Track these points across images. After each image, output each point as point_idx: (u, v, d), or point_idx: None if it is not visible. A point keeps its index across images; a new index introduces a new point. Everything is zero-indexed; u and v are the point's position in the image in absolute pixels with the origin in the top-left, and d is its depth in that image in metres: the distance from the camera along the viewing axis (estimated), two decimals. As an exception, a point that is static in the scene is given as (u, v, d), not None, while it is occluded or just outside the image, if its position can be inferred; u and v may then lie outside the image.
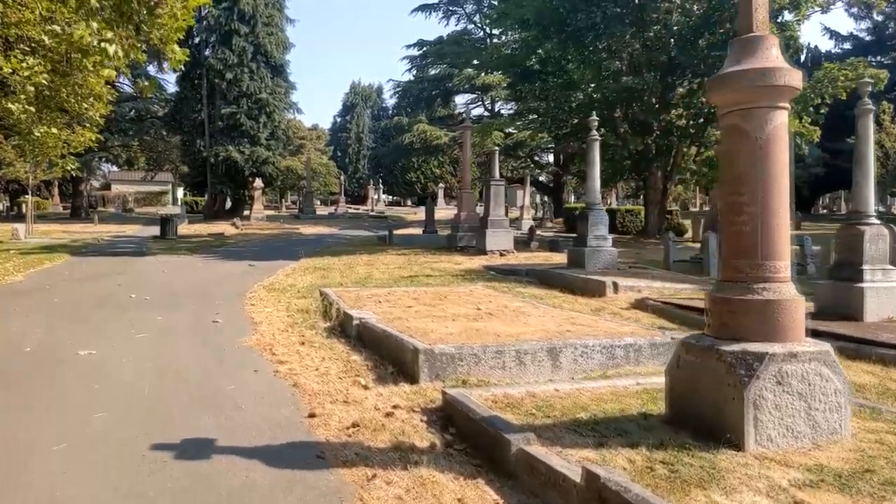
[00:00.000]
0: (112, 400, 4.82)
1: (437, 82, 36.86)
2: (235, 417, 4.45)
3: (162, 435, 4.08)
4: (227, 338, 7.11)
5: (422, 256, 15.63)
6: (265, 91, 35.05)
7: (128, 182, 63.83)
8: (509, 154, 34.23)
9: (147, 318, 8.25)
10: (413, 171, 65.29)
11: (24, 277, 12.21)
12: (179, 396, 4.94)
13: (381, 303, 8.27)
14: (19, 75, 13.03)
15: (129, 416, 4.45)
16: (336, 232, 29.18)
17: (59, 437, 4.06)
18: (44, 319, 8.02)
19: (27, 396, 4.91)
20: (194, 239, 22.59)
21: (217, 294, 10.43)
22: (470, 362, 5.13)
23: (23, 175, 22.86)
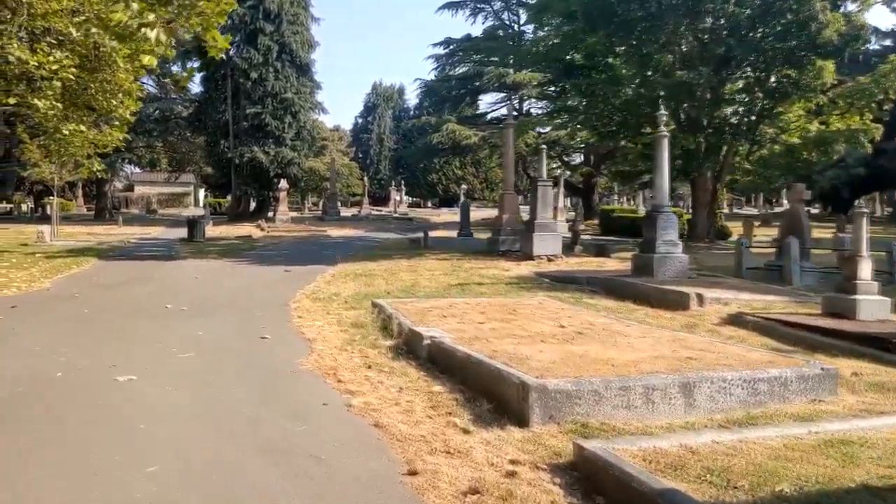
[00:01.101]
0: (161, 447, 3.99)
1: (464, 81, 35.95)
2: (315, 475, 3.60)
3: (232, 501, 3.25)
4: (281, 358, 6.28)
5: (464, 262, 14.75)
6: (290, 90, 34.35)
7: (150, 183, 63.69)
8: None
9: (187, 332, 7.46)
10: (435, 172, 64.58)
11: (52, 284, 11.50)
12: (241, 441, 4.10)
13: (445, 317, 7.41)
14: (46, 69, 12.37)
15: (184, 474, 3.61)
16: (364, 234, 28.43)
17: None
18: (74, 335, 7.25)
19: (60, 442, 4.10)
20: (222, 241, 21.90)
21: (257, 303, 9.63)
22: (590, 400, 4.25)
23: (48, 176, 22.32)
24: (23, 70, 13.02)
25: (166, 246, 20.23)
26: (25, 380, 5.37)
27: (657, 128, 11.52)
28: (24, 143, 22.59)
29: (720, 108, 17.56)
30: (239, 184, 36.15)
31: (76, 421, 4.44)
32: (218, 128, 36.15)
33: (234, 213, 36.93)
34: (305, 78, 35.76)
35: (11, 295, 10.29)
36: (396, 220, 40.17)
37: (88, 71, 14.01)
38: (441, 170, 63.40)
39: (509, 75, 31.08)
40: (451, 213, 48.80)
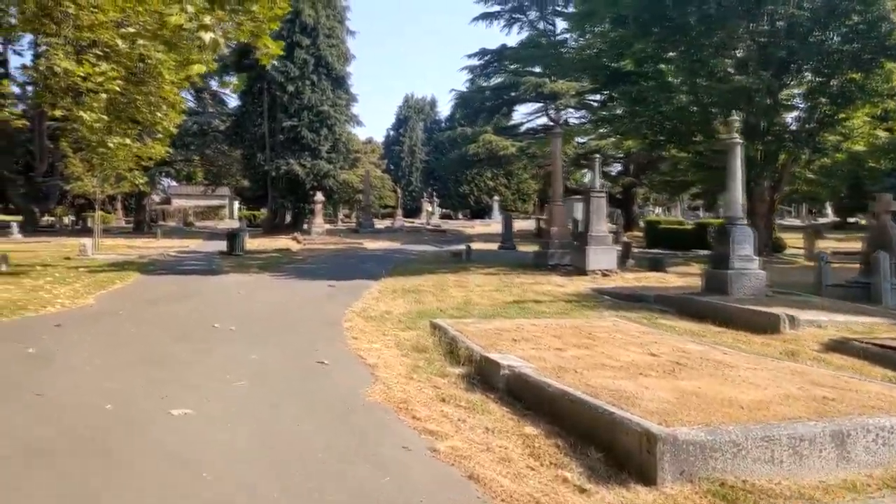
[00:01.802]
0: (229, 500, 3.45)
1: (499, 91, 35.42)
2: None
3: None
4: (344, 388, 5.73)
5: (513, 276, 14.13)
6: (326, 103, 34.20)
7: (186, 196, 64.30)
8: (580, 164, 32.50)
9: (239, 356, 6.96)
10: (467, 184, 64.10)
11: (95, 300, 11.17)
12: (318, 497, 3.53)
13: (516, 341, 6.80)
14: (92, 81, 12.14)
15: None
16: (400, 247, 27.97)
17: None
18: (122, 358, 6.80)
19: (117, 492, 3.58)
20: (261, 255, 21.60)
21: (308, 322, 9.13)
22: (727, 453, 3.60)
23: (91, 190, 22.31)
24: (69, 83, 12.84)
25: (206, 259, 19.97)
26: (74, 412, 4.90)
27: (728, 133, 10.79)
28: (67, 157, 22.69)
29: (779, 115, 16.71)
30: (275, 196, 36.06)
31: (131, 464, 3.92)
32: (255, 141, 36.17)
33: (270, 226, 36.84)
34: (341, 90, 35.61)
35: (56, 312, 9.95)
36: (430, 233, 39.71)
37: (133, 83, 13.79)
38: (473, 181, 62.89)
39: (546, 85, 30.48)
40: (483, 225, 48.26)
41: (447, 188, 63.06)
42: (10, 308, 9.88)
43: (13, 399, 5.21)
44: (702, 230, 22.76)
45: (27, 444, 4.22)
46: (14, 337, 7.84)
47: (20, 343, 7.45)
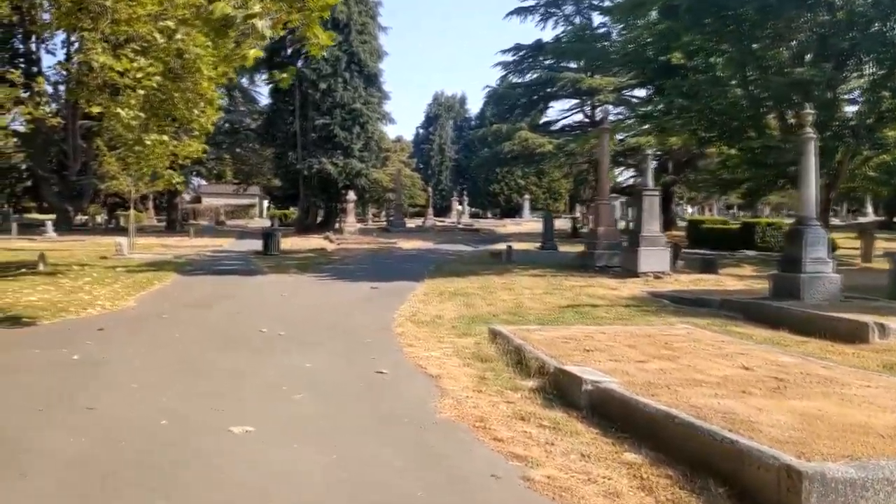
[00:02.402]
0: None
1: (535, 88, 34.79)
2: None
3: None
4: (411, 402, 5.32)
5: (562, 279, 13.62)
6: (359, 101, 33.90)
7: (216, 195, 64.64)
8: (618, 162, 31.82)
9: (292, 364, 6.59)
10: (497, 182, 63.46)
11: (136, 302, 10.93)
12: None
13: (589, 351, 6.32)
14: (130, 77, 11.90)
15: None
16: (435, 247, 27.54)
17: None
18: (170, 366, 6.46)
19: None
20: (297, 255, 21.34)
21: (357, 327, 8.74)
22: (880, 493, 3.09)
23: (125, 188, 22.25)
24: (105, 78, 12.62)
25: (243, 259, 19.76)
26: (129, 429, 4.54)
27: (802, 128, 10.16)
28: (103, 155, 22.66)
29: (839, 109, 15.93)
30: (307, 195, 35.87)
31: (197, 492, 3.54)
32: (286, 139, 36.01)
33: (301, 225, 36.67)
34: (373, 88, 35.29)
35: (97, 314, 9.71)
36: (462, 232, 39.24)
37: (170, 79, 13.54)
38: (503, 180, 62.24)
39: (584, 80, 29.81)
40: (514, 224, 47.65)
41: (477, 187, 62.48)
42: (52, 310, 9.66)
43: (66, 413, 4.88)
44: (748, 230, 21.96)
45: (85, 467, 3.87)
46: (57, 341, 7.57)
47: (64, 348, 7.17)
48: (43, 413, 4.87)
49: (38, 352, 7.00)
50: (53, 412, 4.90)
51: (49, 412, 4.90)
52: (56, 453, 4.06)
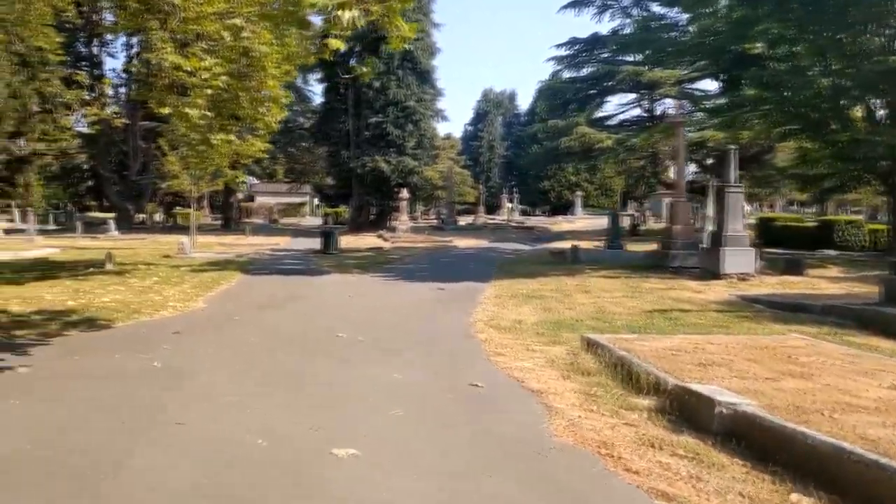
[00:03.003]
0: None
1: (593, 82, 33.87)
2: None
3: None
4: (519, 422, 4.86)
5: (639, 280, 12.97)
6: (412, 99, 33.63)
7: (268, 194, 65.49)
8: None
9: (380, 374, 6.20)
10: (547, 179, 62.57)
11: (206, 303, 10.77)
12: None
13: (704, 366, 5.76)
14: (198, 77, 11.77)
15: None
16: (490, 245, 27.07)
17: None
18: (256, 376, 6.15)
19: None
20: (355, 254, 21.15)
21: (436, 333, 8.33)
22: None
23: (187, 188, 22.44)
24: (173, 78, 12.54)
25: (303, 258, 19.64)
26: (225, 450, 4.20)
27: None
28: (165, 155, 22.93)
29: (936, 98, 14.81)
30: (360, 193, 35.82)
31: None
32: (339, 138, 36.03)
33: (355, 223, 36.66)
34: (427, 85, 34.98)
35: (169, 316, 9.55)
36: (515, 230, 38.65)
37: (236, 77, 13.40)
38: (554, 176, 61.29)
39: (644, 73, 28.83)
40: (567, 222, 46.82)
41: (527, 184, 61.70)
42: (125, 311, 9.54)
43: (156, 430, 4.58)
44: (826, 228, 20.80)
45: (187, 501, 3.53)
46: (135, 346, 7.37)
47: (143, 353, 6.95)
48: (132, 428, 4.58)
49: (118, 357, 6.79)
50: (142, 429, 4.60)
51: (138, 427, 4.60)
52: (148, 474, 3.74)
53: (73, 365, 6.46)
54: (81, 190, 60.35)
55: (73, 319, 8.86)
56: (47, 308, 9.60)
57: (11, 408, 4.99)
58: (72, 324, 8.60)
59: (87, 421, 4.74)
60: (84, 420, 4.76)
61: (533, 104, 68.35)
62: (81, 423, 4.70)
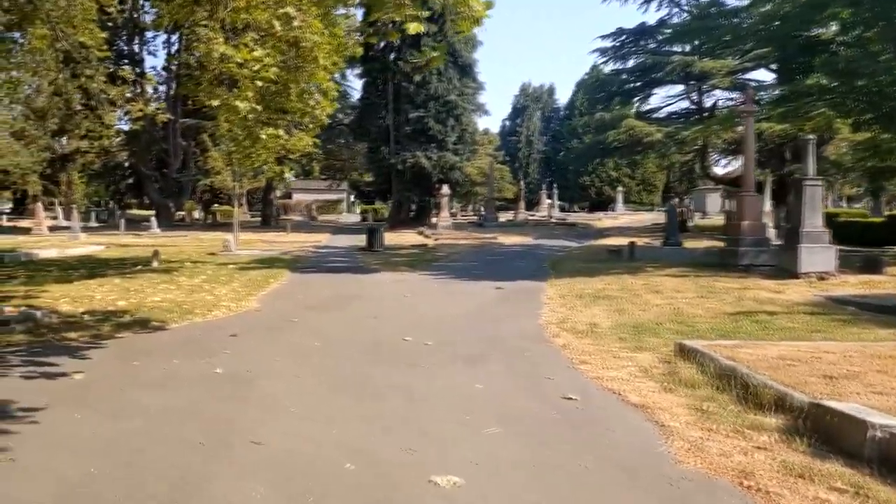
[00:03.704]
0: None
1: (641, 73, 32.83)
2: None
3: None
4: (632, 443, 4.29)
5: (709, 279, 12.22)
6: (453, 93, 33.05)
7: (305, 190, 65.59)
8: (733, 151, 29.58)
9: (461, 385, 5.68)
10: (588, 174, 61.49)
11: (259, 303, 10.38)
12: None
13: (831, 378, 5.12)
14: (248, 68, 11.38)
15: None
16: (535, 242, 26.35)
17: None
18: (327, 386, 5.67)
19: None
20: (400, 251, 20.69)
21: (508, 337, 7.78)
22: None
23: (229, 184, 22.24)
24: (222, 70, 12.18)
25: (348, 256, 19.26)
26: (310, 473, 3.71)
27: None
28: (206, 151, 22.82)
29: None
30: (400, 190, 35.40)
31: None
32: (379, 133, 35.65)
33: (394, 220, 36.28)
34: (468, 79, 34.37)
35: (223, 317, 9.18)
36: (558, 226, 37.82)
37: (286, 69, 13.00)
38: (594, 171, 60.18)
39: (695, 64, 27.79)
40: (610, 218, 45.81)
41: (566, 179, 60.72)
42: (177, 311, 9.19)
43: (233, 449, 4.12)
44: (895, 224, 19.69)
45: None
46: (192, 349, 6.98)
47: (202, 358, 6.55)
48: (205, 449, 4.12)
49: (177, 362, 6.39)
50: (216, 447, 4.14)
51: (213, 446, 4.14)
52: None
53: (131, 371, 6.07)
54: (122, 187, 61.22)
55: (125, 320, 8.53)
56: (98, 308, 9.30)
57: (74, 423, 4.58)
58: (124, 325, 8.26)
59: (157, 438, 4.30)
60: (153, 437, 4.32)
61: (572, 98, 67.27)
62: (151, 440, 4.26)
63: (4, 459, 3.88)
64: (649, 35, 35.00)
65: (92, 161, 49.37)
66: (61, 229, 33.91)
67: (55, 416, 4.69)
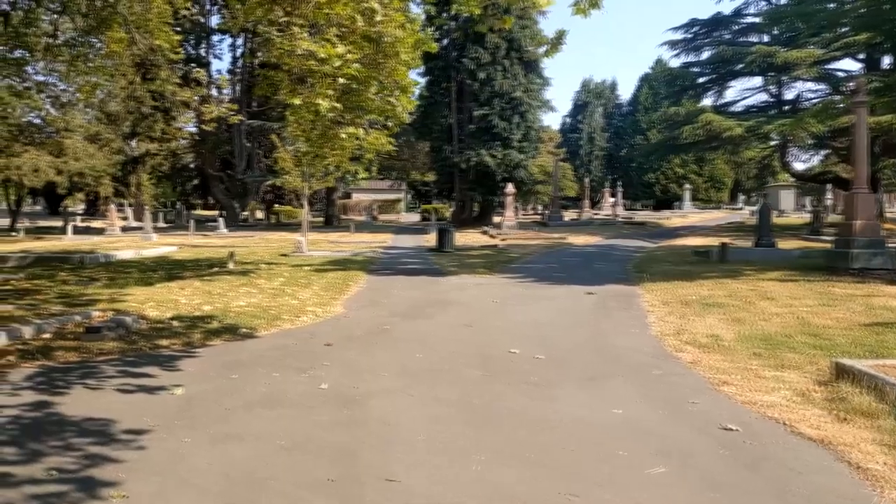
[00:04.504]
0: None
1: (718, 65, 31.23)
2: None
3: None
4: (832, 490, 3.58)
5: (822, 284, 11.20)
6: (519, 89, 32.26)
7: (363, 190, 65.80)
8: (818, 146, 27.94)
9: (596, 411, 5.05)
10: (652, 172, 59.67)
11: (344, 308, 9.97)
12: None
13: None
14: (330, 65, 10.99)
15: None
16: (608, 242, 25.39)
17: None
18: (448, 409, 5.12)
19: None
20: (472, 252, 20.11)
21: (624, 351, 7.09)
22: None
23: (300, 185, 22.11)
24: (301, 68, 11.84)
25: (419, 257, 18.81)
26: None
27: None
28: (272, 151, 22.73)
29: None
30: (463, 189, 34.84)
31: None
32: (441, 132, 35.16)
33: (457, 220, 35.75)
34: (534, 74, 33.52)
35: (311, 323, 8.78)
36: (626, 225, 36.60)
37: (366, 65, 12.58)
38: (659, 168, 58.32)
39: (779, 54, 26.23)
40: (679, 217, 44.27)
41: (629, 177, 59.05)
42: (264, 317, 8.84)
43: (368, 490, 3.59)
44: None
45: None
46: (290, 361, 6.55)
47: (303, 372, 6.11)
48: (336, 486, 3.61)
49: (277, 376, 5.96)
50: (347, 485, 3.63)
51: (343, 484, 3.63)
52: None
53: (231, 386, 5.66)
54: (188, 188, 62.66)
55: (213, 327, 8.21)
56: (184, 313, 9.03)
57: (184, 449, 4.15)
58: (214, 332, 7.93)
59: (279, 471, 3.82)
60: (274, 469, 3.84)
61: (635, 93, 65.46)
62: (272, 473, 3.79)
63: (118, 496, 3.46)
64: (724, 25, 33.45)
65: (161, 163, 50.63)
66: (132, 230, 34.70)
67: (162, 441, 4.28)
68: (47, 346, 6.99)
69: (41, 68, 15.95)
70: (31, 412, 4.90)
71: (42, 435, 4.38)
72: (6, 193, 43.45)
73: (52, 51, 13.91)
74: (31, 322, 7.69)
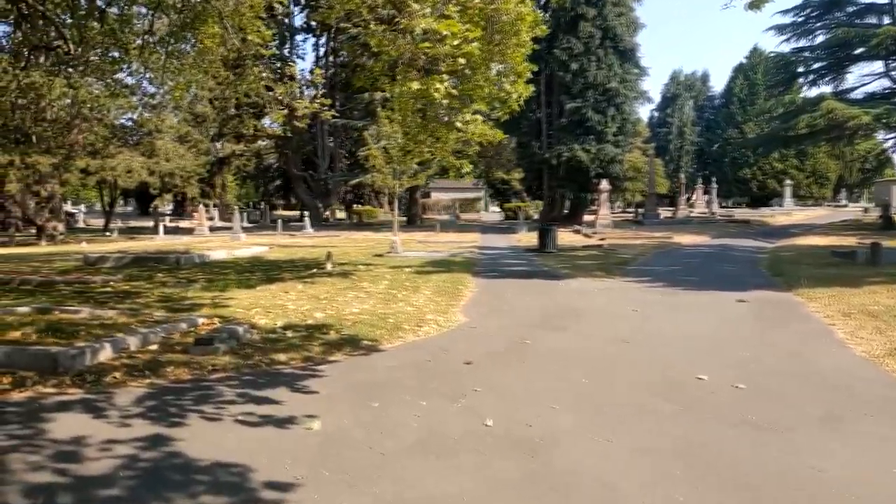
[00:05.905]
0: None
1: (836, 49, 28.56)
2: None
3: None
4: None
5: None
6: (614, 80, 30.50)
7: (441, 189, 65.01)
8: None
9: (863, 468, 3.73)
10: (748, 167, 56.24)
11: (466, 316, 8.89)
12: None
13: None
14: (448, 44, 9.95)
15: None
16: (719, 241, 23.48)
17: None
18: (661, 464, 3.92)
19: None
20: (576, 252, 18.76)
21: (835, 377, 5.70)
22: None
23: (390, 183, 21.28)
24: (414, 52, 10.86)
25: (521, 258, 17.61)
26: None
27: None
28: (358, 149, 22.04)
29: None
30: (553, 186, 33.36)
31: None
32: (530, 127, 33.79)
33: (546, 218, 34.29)
34: (629, 64, 31.66)
35: (436, 335, 7.74)
36: (730, 223, 34.22)
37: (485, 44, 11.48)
38: (756, 163, 54.85)
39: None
40: (783, 214, 41.45)
41: (722, 172, 55.74)
42: (384, 327, 7.86)
43: None
44: None
45: None
46: (432, 384, 5.51)
47: (454, 400, 5.05)
48: None
49: (425, 405, 4.93)
50: None
51: None
52: None
53: (374, 419, 4.64)
54: (271, 188, 63.63)
55: (332, 338, 7.29)
56: (296, 321, 8.17)
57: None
58: (333, 344, 7.00)
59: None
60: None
61: (729, 84, 61.95)
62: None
63: None
64: (838, 6, 30.67)
65: (245, 164, 51.43)
66: (219, 229, 35.05)
67: None
68: (155, 359, 6.21)
69: (134, 70, 15.66)
70: (148, 451, 4.02)
71: (165, 489, 3.46)
72: (101, 194, 45.08)
73: (147, 49, 13.44)
74: (136, 331, 6.97)
